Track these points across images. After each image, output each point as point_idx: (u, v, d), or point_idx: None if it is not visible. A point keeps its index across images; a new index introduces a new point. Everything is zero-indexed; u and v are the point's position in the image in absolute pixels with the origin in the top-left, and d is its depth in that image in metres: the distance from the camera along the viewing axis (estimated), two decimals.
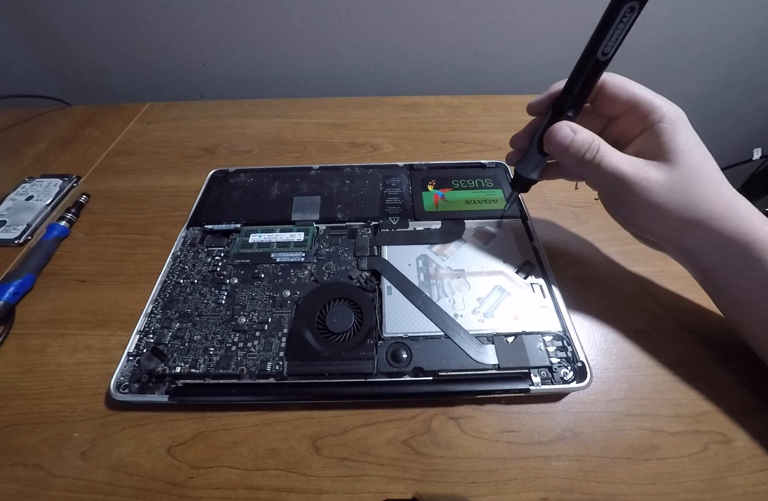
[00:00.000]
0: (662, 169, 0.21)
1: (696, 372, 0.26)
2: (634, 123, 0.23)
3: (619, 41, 0.19)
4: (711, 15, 0.55)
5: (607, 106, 0.23)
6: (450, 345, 0.26)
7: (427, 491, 0.21)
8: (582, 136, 0.22)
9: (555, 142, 0.22)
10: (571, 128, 0.22)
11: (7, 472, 0.23)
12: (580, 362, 0.25)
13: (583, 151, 0.21)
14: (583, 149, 0.21)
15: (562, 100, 0.22)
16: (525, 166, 0.26)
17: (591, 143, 0.21)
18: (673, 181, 0.21)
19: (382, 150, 0.44)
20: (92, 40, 0.56)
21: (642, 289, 0.30)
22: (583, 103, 0.22)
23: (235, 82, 0.61)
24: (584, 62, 0.21)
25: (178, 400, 0.24)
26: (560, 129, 0.22)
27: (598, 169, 0.21)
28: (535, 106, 0.24)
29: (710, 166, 0.22)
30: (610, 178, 0.21)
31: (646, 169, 0.21)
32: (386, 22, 0.53)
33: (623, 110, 0.23)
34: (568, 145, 0.22)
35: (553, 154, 0.23)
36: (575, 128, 0.22)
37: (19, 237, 0.35)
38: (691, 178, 0.21)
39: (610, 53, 0.20)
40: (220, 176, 0.39)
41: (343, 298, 0.28)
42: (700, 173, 0.21)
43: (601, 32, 0.19)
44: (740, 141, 0.76)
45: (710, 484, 0.21)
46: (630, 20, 0.19)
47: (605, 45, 0.19)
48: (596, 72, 0.21)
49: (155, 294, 0.29)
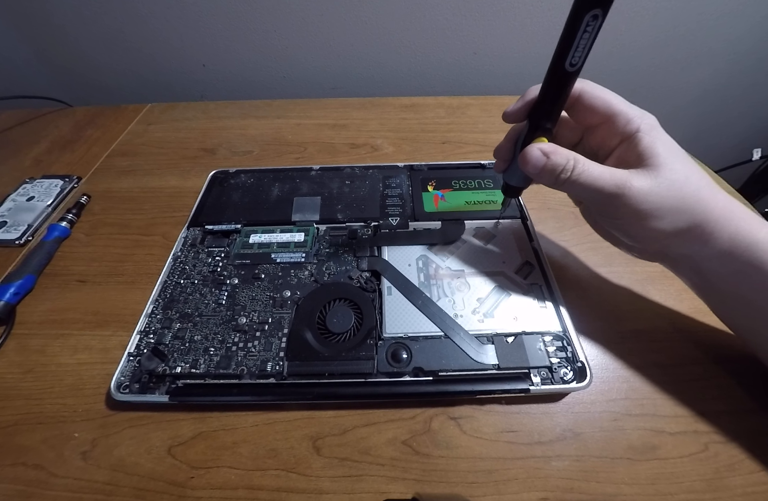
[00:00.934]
0: (647, 175, 0.21)
1: (696, 372, 0.26)
2: (611, 134, 0.22)
3: (587, 50, 0.18)
4: (710, 15, 0.55)
5: (584, 116, 0.23)
6: (450, 345, 0.26)
7: (427, 491, 0.21)
8: (554, 158, 0.21)
9: (528, 166, 0.22)
10: (543, 152, 0.21)
11: (8, 472, 0.23)
12: (579, 362, 0.25)
13: (557, 173, 0.21)
14: (557, 171, 0.21)
15: (537, 113, 0.22)
16: (511, 175, 0.25)
17: (565, 164, 0.21)
18: (660, 185, 0.20)
19: (382, 151, 0.45)
20: (93, 41, 0.56)
21: (642, 290, 0.30)
22: (557, 114, 0.22)
23: (235, 83, 0.61)
24: (553, 74, 0.20)
25: (179, 400, 0.24)
26: (531, 154, 0.22)
27: (576, 186, 0.21)
28: (511, 115, 0.23)
29: (697, 170, 0.21)
30: (592, 192, 0.21)
31: (630, 177, 0.20)
32: (386, 22, 0.54)
33: (600, 121, 0.22)
34: (540, 168, 0.21)
35: (530, 176, 0.23)
36: (547, 151, 0.21)
37: (19, 237, 0.35)
38: (679, 180, 0.20)
39: (579, 63, 0.19)
40: (220, 177, 0.39)
41: (343, 299, 0.28)
42: (688, 176, 0.21)
43: (566, 43, 0.18)
44: (740, 141, 0.76)
45: (710, 484, 0.21)
46: (595, 29, 0.18)
47: (572, 56, 0.19)
48: (566, 83, 0.20)
49: (156, 294, 0.29)
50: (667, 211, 0.21)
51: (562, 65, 0.19)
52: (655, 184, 0.20)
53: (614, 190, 0.20)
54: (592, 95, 0.22)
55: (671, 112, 0.70)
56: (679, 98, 0.68)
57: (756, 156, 0.73)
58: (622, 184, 0.20)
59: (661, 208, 0.21)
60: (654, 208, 0.21)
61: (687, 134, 0.74)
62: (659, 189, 0.20)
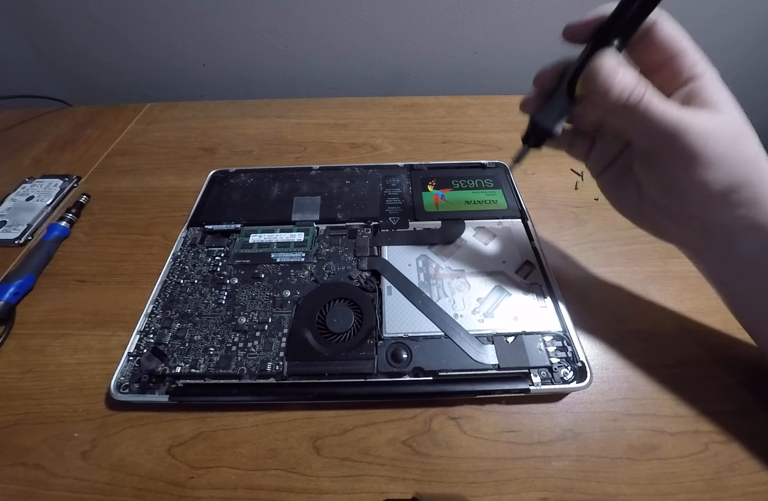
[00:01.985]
0: (714, 118, 0.18)
1: (696, 372, 0.26)
2: (676, 73, 0.19)
3: None
4: (710, 13, 0.55)
5: (650, 52, 0.20)
6: (450, 345, 0.26)
7: (427, 491, 0.21)
8: (629, 73, 0.18)
9: (599, 78, 0.18)
10: (618, 62, 0.18)
11: (8, 472, 0.23)
12: (580, 362, 0.25)
13: (628, 93, 0.18)
14: (629, 89, 0.18)
15: (611, 26, 0.18)
16: (546, 114, 0.22)
17: (638, 84, 0.18)
18: (727, 131, 0.18)
19: (382, 150, 0.45)
20: (93, 40, 0.56)
21: (642, 290, 0.30)
22: (634, 32, 0.19)
23: (235, 83, 0.61)
24: None
25: (179, 400, 0.24)
26: (607, 60, 0.18)
27: (646, 115, 0.18)
28: (572, 29, 0.20)
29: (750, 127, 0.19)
30: (659, 126, 0.18)
31: (697, 116, 0.18)
32: (386, 22, 0.53)
33: (665, 58, 0.19)
34: (613, 83, 0.18)
35: (593, 93, 0.19)
36: (623, 62, 0.18)
37: (19, 237, 0.35)
38: (744, 133, 0.19)
39: None
40: (220, 176, 0.39)
41: (343, 298, 0.28)
42: (746, 129, 0.19)
43: None
44: None
45: (710, 485, 0.21)
46: None
47: None
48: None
49: (155, 294, 0.29)
50: (726, 160, 0.18)
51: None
52: (721, 128, 0.18)
53: (678, 127, 0.18)
54: (667, 28, 0.19)
55: None
56: None
57: None
58: (689, 121, 0.18)
59: (721, 156, 0.18)
60: (713, 155, 0.18)
61: None
62: (725, 134, 0.18)
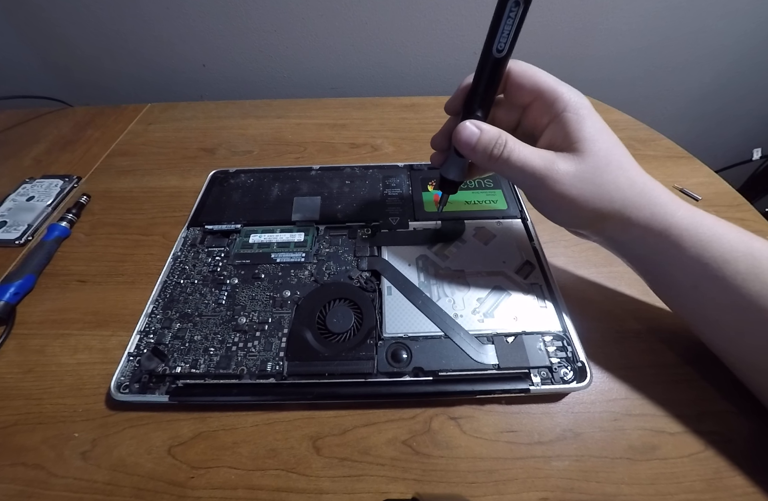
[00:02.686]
0: (571, 159, 0.21)
1: (696, 372, 0.26)
2: (541, 112, 0.22)
3: (512, 37, 0.20)
4: (710, 15, 0.55)
5: (515, 95, 0.23)
6: (450, 345, 0.26)
7: (427, 491, 0.21)
8: (488, 133, 0.21)
9: (461, 142, 0.22)
10: (476, 126, 0.22)
11: (8, 472, 0.23)
12: (580, 362, 0.25)
13: (490, 148, 0.21)
14: (490, 146, 0.21)
15: (470, 100, 0.22)
16: (448, 168, 0.25)
17: (497, 139, 0.21)
18: (583, 171, 0.21)
19: (382, 150, 0.45)
20: (93, 41, 0.56)
21: (642, 289, 0.30)
22: (490, 101, 0.22)
23: (235, 83, 0.61)
24: (483, 60, 0.21)
25: (179, 400, 0.24)
26: (464, 128, 0.22)
27: (508, 164, 0.21)
28: (449, 105, 0.24)
29: (619, 153, 0.21)
30: (520, 172, 0.21)
31: (556, 161, 0.21)
32: (386, 22, 0.54)
33: (530, 99, 0.22)
34: (474, 144, 0.22)
35: (463, 153, 0.23)
36: (479, 126, 0.22)
37: (19, 237, 0.35)
38: (600, 167, 0.21)
39: (505, 50, 0.20)
40: (220, 177, 0.39)
41: (343, 299, 0.28)
42: (609, 161, 0.21)
43: (493, 29, 0.20)
44: (740, 141, 0.76)
45: (710, 485, 0.21)
46: (517, 15, 0.19)
47: (498, 42, 0.20)
48: (495, 70, 0.21)
49: (156, 294, 0.29)
50: (588, 198, 0.21)
51: (489, 51, 0.20)
52: (579, 169, 0.21)
53: (542, 173, 0.21)
54: (520, 73, 0.22)
55: (672, 112, 0.70)
56: (679, 98, 0.68)
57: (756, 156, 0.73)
58: (548, 166, 0.21)
59: (582, 195, 0.21)
60: (576, 195, 0.21)
61: (688, 134, 0.74)
62: (583, 175, 0.21)
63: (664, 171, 0.40)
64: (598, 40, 0.57)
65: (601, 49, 0.58)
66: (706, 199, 0.37)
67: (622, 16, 0.54)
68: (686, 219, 0.21)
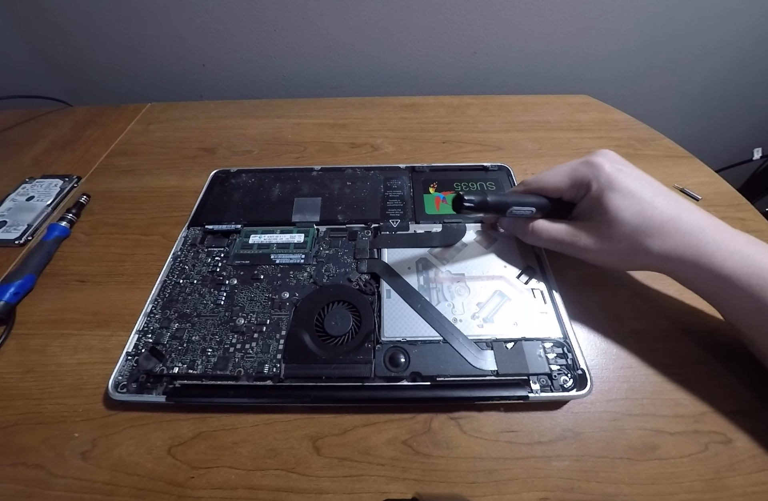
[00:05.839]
0: (595, 230, 0.25)
1: (696, 372, 0.26)
2: (573, 194, 0.27)
3: None
4: (707, 14, 0.55)
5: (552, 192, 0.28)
6: (448, 350, 0.25)
7: (427, 491, 0.21)
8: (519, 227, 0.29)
9: (503, 228, 0.32)
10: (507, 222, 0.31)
11: (8, 472, 0.23)
12: (580, 370, 0.24)
13: (520, 234, 0.29)
14: (520, 233, 0.30)
15: None
16: None
17: (525, 228, 0.28)
18: (609, 242, 0.24)
19: (382, 150, 0.44)
20: (93, 41, 0.56)
21: (642, 290, 0.30)
22: None
23: (235, 83, 0.61)
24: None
25: (175, 401, 0.24)
26: (502, 223, 0.32)
27: (539, 241, 0.28)
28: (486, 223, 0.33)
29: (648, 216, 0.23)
30: (550, 245, 0.28)
31: (579, 234, 0.26)
32: (386, 22, 0.53)
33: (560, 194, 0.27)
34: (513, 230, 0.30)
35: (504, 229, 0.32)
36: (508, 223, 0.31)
37: (19, 237, 0.35)
38: (626, 235, 0.24)
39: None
40: (221, 176, 0.39)
41: (342, 301, 0.28)
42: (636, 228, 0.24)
43: None
44: (740, 140, 0.76)
45: (710, 485, 0.21)
46: None
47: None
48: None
49: (155, 294, 0.29)
50: (616, 259, 0.25)
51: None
52: (601, 240, 0.25)
53: (567, 243, 0.26)
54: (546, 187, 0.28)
55: (672, 111, 0.70)
56: (679, 98, 0.68)
57: (756, 155, 0.73)
58: (574, 240, 0.26)
59: (606, 261, 0.26)
60: (602, 261, 0.26)
61: (687, 134, 0.74)
62: (604, 244, 0.25)
63: (664, 171, 0.40)
64: (598, 39, 0.57)
65: (601, 48, 0.58)
66: (706, 198, 0.37)
67: (619, 16, 0.54)
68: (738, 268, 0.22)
